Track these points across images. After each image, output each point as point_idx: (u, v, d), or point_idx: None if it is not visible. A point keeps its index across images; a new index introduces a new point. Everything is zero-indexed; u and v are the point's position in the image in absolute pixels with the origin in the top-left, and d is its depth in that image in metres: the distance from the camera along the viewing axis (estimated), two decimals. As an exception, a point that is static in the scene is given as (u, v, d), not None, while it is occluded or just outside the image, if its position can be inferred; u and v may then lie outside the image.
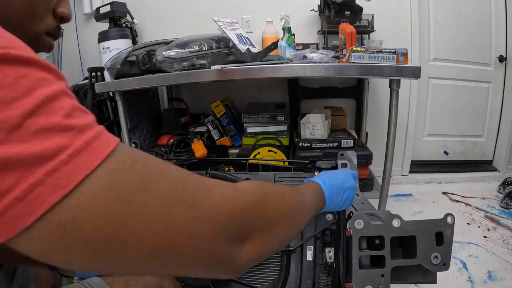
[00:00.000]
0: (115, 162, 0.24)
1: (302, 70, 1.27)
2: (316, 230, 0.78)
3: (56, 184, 0.21)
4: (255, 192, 0.34)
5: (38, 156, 0.21)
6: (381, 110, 2.10)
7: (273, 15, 1.80)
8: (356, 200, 0.73)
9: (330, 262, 0.76)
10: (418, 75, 1.23)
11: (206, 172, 0.85)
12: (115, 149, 0.25)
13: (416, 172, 2.28)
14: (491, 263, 1.36)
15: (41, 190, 0.21)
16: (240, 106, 2.05)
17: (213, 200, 0.29)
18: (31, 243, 0.22)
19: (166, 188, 0.27)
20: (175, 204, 0.26)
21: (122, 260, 0.25)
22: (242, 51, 1.34)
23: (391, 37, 1.96)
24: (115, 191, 0.23)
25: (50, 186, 0.21)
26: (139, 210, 0.24)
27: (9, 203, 0.20)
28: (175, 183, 0.28)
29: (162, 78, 1.36)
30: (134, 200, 0.24)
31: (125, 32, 1.82)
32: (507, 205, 1.83)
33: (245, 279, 0.78)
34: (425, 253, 0.61)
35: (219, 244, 0.29)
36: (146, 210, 0.25)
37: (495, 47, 2.18)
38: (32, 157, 0.21)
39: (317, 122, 1.55)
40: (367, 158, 1.53)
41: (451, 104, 2.26)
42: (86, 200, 0.22)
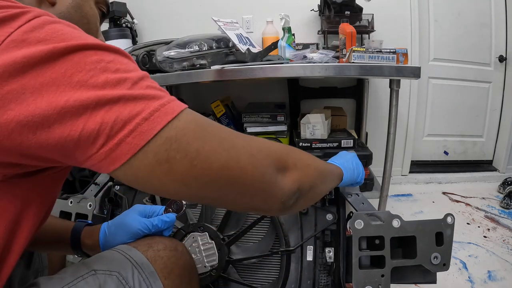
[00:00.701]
0: (190, 110, 0.37)
1: (302, 70, 1.27)
2: (316, 230, 0.78)
3: (166, 112, 0.34)
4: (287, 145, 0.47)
5: (153, 96, 0.34)
6: (381, 110, 2.10)
7: (273, 15, 1.80)
8: (356, 200, 0.73)
9: (330, 262, 0.76)
10: (418, 75, 1.23)
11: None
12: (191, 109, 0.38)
13: (416, 172, 2.28)
14: (491, 263, 1.36)
15: (159, 114, 0.33)
16: (240, 106, 2.05)
17: (262, 141, 0.42)
18: (146, 156, 0.33)
19: (230, 130, 0.40)
20: (237, 136, 0.39)
21: (208, 171, 0.35)
22: (242, 51, 1.34)
23: (391, 37, 1.96)
24: (196, 121, 0.36)
25: (163, 113, 0.33)
26: (211, 134, 0.36)
27: (139, 122, 0.32)
28: (229, 129, 0.40)
29: (162, 78, 1.36)
30: (209, 129, 0.37)
31: (125, 32, 1.82)
32: (507, 205, 1.83)
33: (245, 279, 0.79)
34: (425, 253, 0.61)
35: (268, 168, 0.40)
36: (217, 135, 0.37)
37: (495, 47, 2.18)
38: (149, 96, 0.34)
39: (317, 122, 1.55)
40: (367, 158, 1.53)
41: (451, 104, 2.26)
42: (182, 124, 0.34)
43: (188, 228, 0.78)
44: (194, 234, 0.76)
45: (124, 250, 0.54)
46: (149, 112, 0.33)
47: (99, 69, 0.32)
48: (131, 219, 0.62)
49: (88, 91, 0.31)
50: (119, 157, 0.32)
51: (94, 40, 0.34)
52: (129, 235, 0.61)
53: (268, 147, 0.41)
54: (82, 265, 0.50)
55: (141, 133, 0.32)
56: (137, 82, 0.34)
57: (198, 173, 0.35)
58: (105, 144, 0.32)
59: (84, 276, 0.48)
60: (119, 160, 0.32)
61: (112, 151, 0.32)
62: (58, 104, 0.30)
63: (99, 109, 0.31)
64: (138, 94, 0.33)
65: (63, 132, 0.31)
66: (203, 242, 0.76)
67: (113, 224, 0.64)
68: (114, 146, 0.32)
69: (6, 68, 0.29)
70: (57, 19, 0.35)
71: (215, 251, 0.75)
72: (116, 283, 0.49)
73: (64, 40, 0.32)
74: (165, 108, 0.34)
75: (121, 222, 0.63)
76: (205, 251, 0.75)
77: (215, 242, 0.76)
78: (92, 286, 0.47)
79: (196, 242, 0.76)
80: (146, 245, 0.56)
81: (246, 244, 0.81)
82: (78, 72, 0.31)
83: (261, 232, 0.81)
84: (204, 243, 0.76)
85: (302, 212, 0.79)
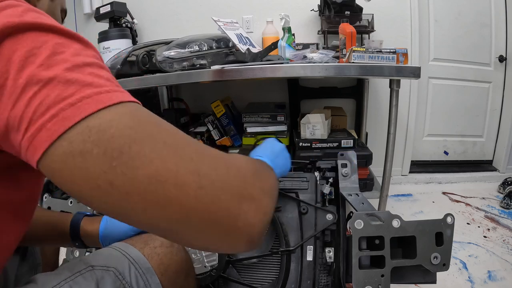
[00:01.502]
0: (137, 105, 0.33)
1: (302, 70, 1.27)
2: (316, 230, 0.78)
3: (99, 100, 0.29)
4: (254, 164, 0.40)
5: (89, 83, 0.30)
6: (381, 110, 2.10)
7: (273, 15, 1.80)
8: (356, 200, 0.73)
9: (330, 262, 0.76)
10: (418, 75, 1.23)
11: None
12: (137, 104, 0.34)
13: (416, 172, 2.28)
14: (491, 263, 1.36)
15: (89, 101, 0.29)
16: (240, 106, 2.05)
17: (226, 159, 0.34)
18: (61, 145, 0.28)
19: (184, 137, 0.33)
20: (189, 145, 0.32)
21: (130, 178, 0.28)
22: (242, 51, 1.34)
23: (391, 37, 1.96)
24: (134, 116, 0.31)
25: (95, 100, 0.29)
26: (149, 135, 0.30)
27: (63, 107, 0.28)
28: (185, 136, 0.33)
29: (162, 78, 1.36)
30: (148, 128, 0.31)
31: (125, 32, 1.82)
32: (507, 205, 1.83)
33: (245, 279, 0.78)
34: (425, 253, 0.61)
35: (226, 195, 0.31)
36: (156, 136, 0.30)
37: (495, 47, 2.18)
38: (85, 82, 0.30)
39: (317, 122, 1.55)
40: (367, 158, 1.53)
41: (451, 104, 2.26)
42: (113, 115, 0.29)
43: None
44: (194, 234, 0.76)
45: (121, 247, 0.55)
46: (77, 98, 0.29)
47: (43, 49, 0.30)
48: None
49: (24, 70, 0.29)
50: (39, 145, 0.28)
51: (53, 22, 0.32)
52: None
53: (230, 166, 0.33)
54: (80, 261, 0.51)
55: (63, 119, 0.28)
56: (79, 66, 0.31)
57: (116, 178, 0.28)
58: (27, 130, 0.28)
59: (81, 271, 0.48)
60: (39, 149, 0.28)
61: (33, 137, 0.28)
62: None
63: (28, 90, 0.28)
64: (73, 78, 0.29)
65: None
66: (203, 242, 0.76)
67: None
68: (35, 132, 0.28)
69: None
70: (37, 10, 0.33)
71: (215, 251, 0.75)
72: (113, 278, 0.49)
73: (21, 17, 0.31)
74: (99, 97, 0.29)
75: None
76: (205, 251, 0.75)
77: (215, 242, 0.76)
78: (89, 281, 0.47)
79: (196, 242, 0.76)
80: (143, 242, 0.56)
81: (246, 244, 0.81)
82: (21, 49, 0.29)
83: (261, 232, 0.81)
84: (204, 243, 0.76)
85: (302, 212, 0.79)
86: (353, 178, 0.78)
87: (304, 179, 0.82)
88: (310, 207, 0.79)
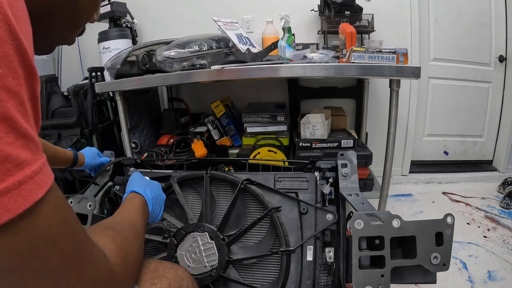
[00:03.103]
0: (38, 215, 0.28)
1: (302, 70, 1.27)
2: (316, 230, 0.78)
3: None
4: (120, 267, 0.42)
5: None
6: (381, 110, 2.10)
7: (273, 15, 1.80)
8: (356, 200, 0.73)
9: (330, 262, 0.76)
10: (418, 75, 1.23)
11: (206, 172, 0.85)
12: (43, 198, 0.28)
13: (416, 172, 2.28)
14: (491, 263, 1.36)
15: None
16: (240, 106, 2.05)
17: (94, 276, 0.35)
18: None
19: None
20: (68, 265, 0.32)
21: None
22: (242, 51, 1.34)
23: (391, 37, 1.96)
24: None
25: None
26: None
27: None
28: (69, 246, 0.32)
29: (162, 78, 1.36)
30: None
31: (125, 32, 1.82)
32: (507, 205, 1.83)
33: (245, 279, 0.78)
34: (425, 253, 0.61)
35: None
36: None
37: (495, 47, 2.18)
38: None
39: (317, 122, 1.55)
40: (367, 158, 1.53)
41: (451, 104, 2.26)
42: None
43: (188, 228, 0.78)
44: (194, 234, 0.76)
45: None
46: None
47: None
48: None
49: None
50: None
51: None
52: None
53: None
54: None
55: None
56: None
57: None
58: None
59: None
60: None
61: None
62: None
63: None
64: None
65: None
66: (203, 242, 0.76)
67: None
68: None
69: None
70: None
71: (215, 251, 0.75)
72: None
73: None
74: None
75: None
76: (205, 251, 0.75)
77: (215, 242, 0.76)
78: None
79: (196, 242, 0.76)
80: (149, 282, 0.53)
81: (246, 244, 0.81)
82: None
83: (261, 232, 0.81)
84: (204, 243, 0.76)
85: (302, 212, 0.79)
86: (353, 178, 0.78)
87: (304, 179, 0.82)
88: (310, 207, 0.79)
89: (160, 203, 0.72)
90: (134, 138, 1.82)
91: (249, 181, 0.81)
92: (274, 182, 0.83)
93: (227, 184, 0.85)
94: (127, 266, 0.44)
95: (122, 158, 0.99)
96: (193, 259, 0.75)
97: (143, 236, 0.57)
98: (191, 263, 0.75)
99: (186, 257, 0.75)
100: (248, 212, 0.82)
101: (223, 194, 0.86)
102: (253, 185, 0.81)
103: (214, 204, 0.84)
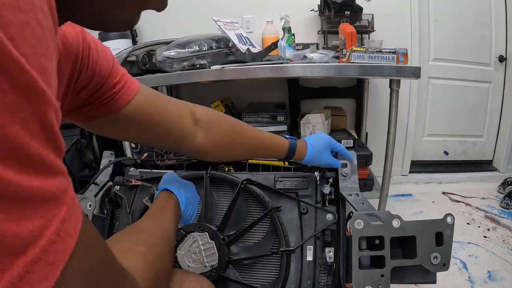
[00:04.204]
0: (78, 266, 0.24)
1: (302, 70, 1.27)
2: (316, 230, 0.78)
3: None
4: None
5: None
6: (381, 110, 2.10)
7: (273, 15, 1.80)
8: (356, 200, 0.73)
9: (330, 262, 0.76)
10: (418, 75, 1.23)
11: (206, 172, 0.85)
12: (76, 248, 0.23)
13: (416, 172, 2.28)
14: (491, 263, 1.36)
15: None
16: (240, 106, 2.05)
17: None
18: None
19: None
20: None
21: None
22: (242, 51, 1.34)
23: (391, 37, 1.96)
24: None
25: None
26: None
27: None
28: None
29: (162, 78, 1.36)
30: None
31: (125, 32, 1.82)
32: (507, 205, 1.83)
33: (245, 279, 0.78)
34: (425, 253, 0.61)
35: None
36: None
37: (495, 47, 2.18)
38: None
39: (317, 122, 1.55)
40: (367, 158, 1.53)
41: (451, 104, 2.26)
42: None
43: (188, 228, 0.78)
44: (194, 234, 0.76)
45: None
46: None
47: None
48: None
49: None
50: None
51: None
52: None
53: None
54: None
55: None
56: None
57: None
58: None
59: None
60: None
61: None
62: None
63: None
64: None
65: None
66: (203, 242, 0.76)
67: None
68: None
69: None
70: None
71: (215, 251, 0.75)
72: None
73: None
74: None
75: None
76: (205, 251, 0.75)
77: (215, 242, 0.76)
78: None
79: (196, 242, 0.76)
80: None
81: (246, 244, 0.81)
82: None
83: (261, 232, 0.81)
84: (204, 243, 0.76)
85: (302, 212, 0.79)
86: (353, 178, 0.78)
87: (304, 179, 0.82)
88: (310, 207, 0.79)
89: (194, 204, 0.71)
90: (134, 138, 1.82)
91: (249, 181, 0.81)
92: (274, 182, 0.83)
93: (227, 184, 0.85)
94: (157, 285, 0.44)
95: (122, 158, 0.99)
96: (193, 259, 0.75)
97: (173, 244, 0.56)
98: (191, 263, 0.75)
99: (186, 257, 0.75)
100: (248, 212, 0.82)
101: (223, 194, 0.86)
102: (253, 185, 0.81)
103: (214, 204, 0.84)
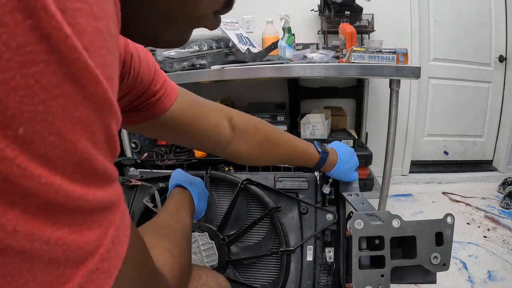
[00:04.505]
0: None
1: (302, 70, 1.27)
2: (316, 230, 0.78)
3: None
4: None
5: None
6: (381, 110, 2.10)
7: (273, 15, 1.80)
8: (356, 200, 0.73)
9: (330, 262, 0.76)
10: (418, 75, 1.23)
11: (206, 172, 0.85)
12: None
13: (416, 172, 2.28)
14: (491, 263, 1.36)
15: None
16: (240, 106, 2.05)
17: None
18: None
19: None
20: None
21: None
22: (242, 51, 1.34)
23: (391, 37, 1.96)
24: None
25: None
26: None
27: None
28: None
29: (162, 78, 1.36)
30: None
31: (125, 32, 1.82)
32: (507, 205, 1.83)
33: (245, 279, 0.78)
34: (425, 253, 0.61)
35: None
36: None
37: (495, 47, 2.18)
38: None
39: (317, 122, 1.55)
40: (367, 158, 1.53)
41: (451, 104, 2.26)
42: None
43: (188, 228, 0.78)
44: (194, 234, 0.76)
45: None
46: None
47: None
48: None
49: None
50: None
51: None
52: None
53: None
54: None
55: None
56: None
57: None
58: None
59: None
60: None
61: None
62: None
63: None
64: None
65: None
66: (203, 242, 0.76)
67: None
68: None
69: None
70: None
71: (215, 251, 0.75)
72: None
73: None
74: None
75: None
76: (205, 251, 0.75)
77: (215, 242, 0.76)
78: None
79: (196, 242, 0.76)
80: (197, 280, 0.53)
81: (246, 244, 0.81)
82: None
83: (261, 232, 0.81)
84: (204, 243, 0.76)
85: (302, 212, 0.79)
86: (353, 178, 0.78)
87: (304, 179, 0.82)
88: (310, 207, 0.79)
89: (204, 199, 0.72)
90: (134, 138, 1.82)
91: (249, 181, 0.81)
92: (274, 182, 0.83)
93: (227, 184, 0.85)
94: (182, 281, 0.45)
95: (122, 158, 0.99)
96: (193, 259, 0.75)
97: (191, 239, 0.57)
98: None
99: (186, 257, 0.75)
100: (248, 212, 0.82)
101: (223, 194, 0.86)
102: (253, 185, 0.81)
103: (214, 204, 0.84)
